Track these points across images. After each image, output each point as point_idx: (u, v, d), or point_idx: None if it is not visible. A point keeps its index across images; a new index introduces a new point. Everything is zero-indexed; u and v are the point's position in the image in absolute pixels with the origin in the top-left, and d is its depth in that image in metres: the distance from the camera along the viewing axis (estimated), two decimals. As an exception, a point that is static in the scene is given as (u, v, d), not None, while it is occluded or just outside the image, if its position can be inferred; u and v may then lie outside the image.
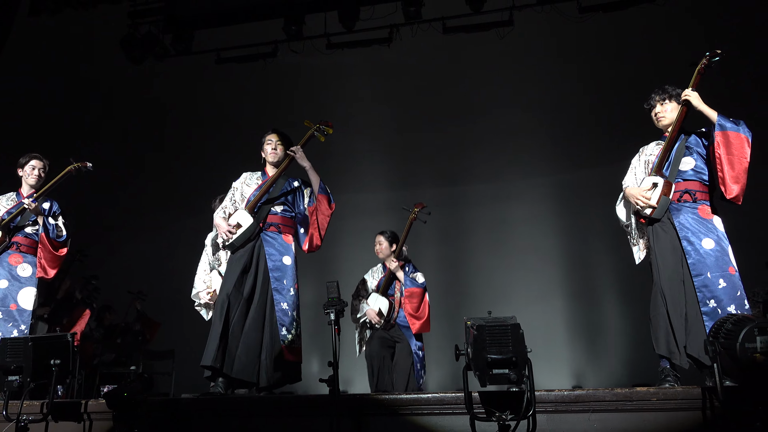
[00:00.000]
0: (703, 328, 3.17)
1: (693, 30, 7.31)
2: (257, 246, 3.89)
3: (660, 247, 3.43)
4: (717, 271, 3.23)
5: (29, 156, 4.44)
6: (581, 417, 2.82)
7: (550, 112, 8.23)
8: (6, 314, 4.14)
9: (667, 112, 3.54)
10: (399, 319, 4.97)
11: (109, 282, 7.12)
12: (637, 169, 3.67)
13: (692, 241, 3.31)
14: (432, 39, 7.24)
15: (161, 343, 6.98)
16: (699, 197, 3.41)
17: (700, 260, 3.26)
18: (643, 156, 3.68)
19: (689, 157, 3.47)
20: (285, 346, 3.71)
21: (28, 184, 4.42)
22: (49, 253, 4.28)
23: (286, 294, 3.81)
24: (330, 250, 8.30)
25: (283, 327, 3.74)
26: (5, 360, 3.23)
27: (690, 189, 3.42)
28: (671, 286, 3.33)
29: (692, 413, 2.76)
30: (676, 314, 3.27)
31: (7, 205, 4.36)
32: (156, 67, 7.58)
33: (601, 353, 7.71)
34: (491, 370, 2.56)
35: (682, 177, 3.44)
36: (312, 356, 6.30)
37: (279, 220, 3.97)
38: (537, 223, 8.30)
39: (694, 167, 3.45)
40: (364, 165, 8.85)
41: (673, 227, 3.38)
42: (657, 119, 3.59)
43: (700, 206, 3.39)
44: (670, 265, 3.36)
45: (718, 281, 3.22)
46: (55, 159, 4.53)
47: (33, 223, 4.33)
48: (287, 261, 3.88)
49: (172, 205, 8.81)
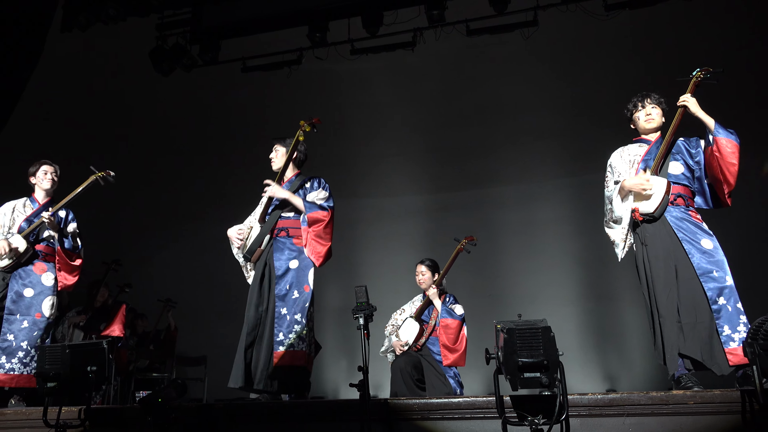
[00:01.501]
0: (710, 328, 3.14)
1: (721, 26, 7.17)
2: (269, 254, 3.90)
3: (653, 254, 3.42)
4: (721, 269, 3.24)
5: (38, 162, 4.47)
6: (616, 421, 2.78)
7: (575, 111, 8.13)
8: (32, 323, 4.21)
9: (657, 116, 3.64)
10: (434, 348, 4.86)
11: (141, 290, 7.26)
12: (620, 167, 3.68)
13: (693, 241, 3.32)
14: (456, 41, 7.23)
15: (194, 350, 7.07)
16: (689, 203, 3.48)
17: (704, 259, 3.26)
18: (626, 155, 3.70)
19: (677, 162, 3.54)
20: (279, 350, 3.64)
21: (42, 189, 4.45)
22: (66, 264, 4.36)
23: (288, 299, 3.74)
24: (357, 254, 8.36)
25: (279, 332, 3.67)
26: (44, 367, 3.31)
27: (682, 193, 3.47)
28: (664, 293, 3.31)
29: (731, 417, 2.70)
30: (669, 321, 3.25)
31: (25, 213, 4.39)
32: (184, 78, 7.70)
33: (634, 356, 7.57)
34: (522, 374, 2.53)
35: (674, 181, 3.48)
36: (341, 361, 6.31)
37: (290, 223, 3.93)
38: (565, 224, 8.20)
39: (683, 172, 3.52)
40: (390, 169, 8.85)
41: (669, 230, 3.38)
42: (646, 120, 3.65)
43: (691, 210, 3.45)
44: (663, 271, 3.34)
45: (724, 279, 3.21)
46: (82, 170, 4.59)
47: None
48: (294, 264, 3.82)
49: (200, 213, 8.93)
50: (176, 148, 8.97)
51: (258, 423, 3.24)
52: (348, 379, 3.07)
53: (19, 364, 4.10)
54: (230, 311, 5.08)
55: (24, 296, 4.23)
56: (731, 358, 3.08)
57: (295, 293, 3.75)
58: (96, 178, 4.46)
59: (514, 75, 8.27)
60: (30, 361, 4.11)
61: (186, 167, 9.01)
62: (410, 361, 4.79)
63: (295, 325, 3.67)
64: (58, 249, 4.35)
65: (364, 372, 2.74)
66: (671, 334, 3.23)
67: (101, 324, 5.61)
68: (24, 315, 4.20)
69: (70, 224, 4.50)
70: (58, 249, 4.35)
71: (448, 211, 8.61)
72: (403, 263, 5.34)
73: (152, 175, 8.91)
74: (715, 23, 7.18)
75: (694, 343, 3.18)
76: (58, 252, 4.35)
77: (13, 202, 4.44)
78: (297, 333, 3.66)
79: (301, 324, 3.69)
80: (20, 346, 4.13)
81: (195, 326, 7.50)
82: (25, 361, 4.12)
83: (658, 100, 3.66)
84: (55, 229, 4.34)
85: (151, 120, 8.81)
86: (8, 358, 4.10)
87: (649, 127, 3.65)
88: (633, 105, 3.74)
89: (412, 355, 4.86)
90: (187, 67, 7.52)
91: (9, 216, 4.35)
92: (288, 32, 7.31)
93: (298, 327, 3.68)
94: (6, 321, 4.16)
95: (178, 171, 9.02)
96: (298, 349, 3.65)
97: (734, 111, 6.28)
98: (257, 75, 7.75)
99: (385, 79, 8.55)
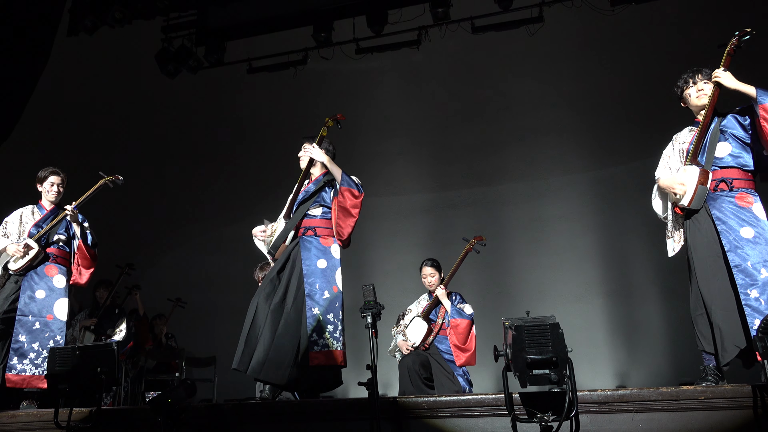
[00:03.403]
0: (742, 322, 3.04)
1: (727, 18, 7.11)
2: (294, 251, 3.92)
3: (695, 242, 3.29)
4: (758, 260, 3.07)
5: (48, 171, 4.50)
6: (626, 417, 2.76)
7: (583, 107, 8.11)
8: (43, 325, 4.25)
9: (711, 91, 3.38)
10: (442, 346, 4.86)
11: (150, 291, 7.29)
12: (671, 158, 3.53)
13: (729, 230, 3.15)
14: (461, 39, 7.21)
15: (203, 350, 7.10)
16: (736, 185, 3.26)
17: (739, 249, 3.10)
18: (677, 144, 3.55)
19: (725, 143, 3.32)
20: (316, 350, 3.68)
21: (48, 200, 4.51)
22: (86, 259, 4.43)
23: (319, 298, 3.78)
24: (364, 253, 8.36)
25: (313, 332, 3.71)
26: (55, 369, 3.33)
27: (726, 177, 3.27)
28: (707, 283, 3.19)
29: (742, 412, 2.68)
30: (717, 310, 3.12)
31: (34, 218, 4.44)
32: (190, 79, 7.73)
33: (643, 352, 7.53)
34: (531, 371, 2.52)
35: (718, 164, 3.29)
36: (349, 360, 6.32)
37: (317, 223, 3.95)
38: (573, 220, 8.17)
39: (730, 152, 3.30)
40: (397, 167, 8.86)
41: (710, 218, 3.24)
42: (698, 96, 3.43)
43: (738, 194, 3.23)
44: (706, 260, 3.23)
45: (759, 271, 3.05)
46: (89, 172, 4.63)
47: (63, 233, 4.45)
48: (322, 264, 3.84)
49: (209, 215, 8.97)
50: (183, 149, 9.01)
51: (267, 423, 3.24)
52: (356, 377, 3.06)
53: (30, 365, 4.14)
54: (239, 312, 5.09)
55: (36, 298, 4.28)
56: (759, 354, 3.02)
57: (326, 293, 3.80)
58: (105, 182, 4.56)
59: (520, 72, 8.25)
60: (41, 362, 4.14)
61: (193, 168, 9.04)
62: (418, 359, 4.78)
63: (329, 325, 3.75)
64: (79, 243, 4.41)
65: (372, 370, 2.74)
66: (725, 323, 3.08)
67: (108, 327, 5.66)
68: (36, 317, 4.24)
69: (83, 223, 4.56)
70: (80, 243, 4.41)
71: (455, 208, 8.60)
72: (411, 261, 5.34)
73: (159, 177, 8.95)
74: (721, 14, 7.12)
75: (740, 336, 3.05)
76: (79, 247, 4.42)
77: (21, 210, 4.50)
78: (331, 332, 3.74)
79: (334, 324, 3.77)
80: (32, 347, 4.17)
81: (204, 327, 7.53)
82: (36, 362, 4.15)
83: (710, 75, 3.39)
84: (76, 222, 4.41)
85: (157, 122, 8.85)
86: (20, 359, 4.14)
87: (701, 103, 3.42)
88: (684, 81, 3.51)
89: (420, 353, 4.85)
90: (193, 68, 7.54)
91: (17, 224, 4.42)
92: (293, 32, 7.32)
93: (332, 327, 3.75)
94: (18, 322, 4.20)
95: (185, 172, 9.06)
96: (333, 348, 3.72)
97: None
98: (263, 76, 7.77)
99: (390, 77, 8.55)
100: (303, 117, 8.30)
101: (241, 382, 3.76)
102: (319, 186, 4.03)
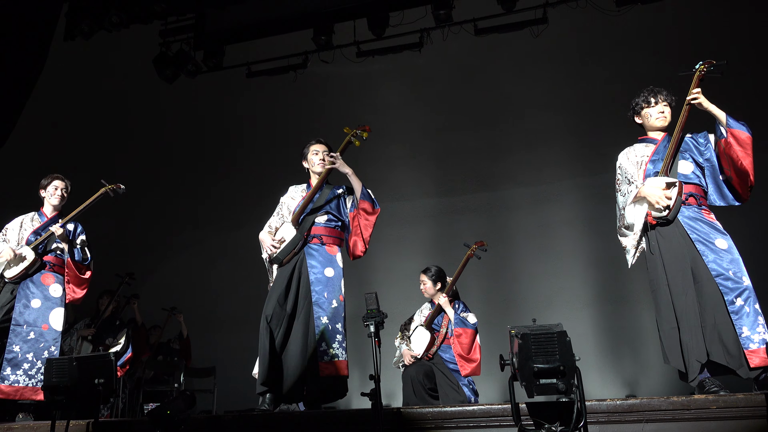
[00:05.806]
0: (729, 330, 3.07)
1: (731, 20, 7.05)
2: (300, 259, 3.85)
3: (667, 257, 3.31)
4: (737, 268, 3.15)
5: (51, 177, 4.49)
6: (636, 427, 2.72)
7: (587, 110, 8.02)
8: (38, 334, 4.20)
9: (669, 114, 3.53)
10: (446, 356, 4.78)
11: (150, 301, 7.23)
12: (629, 170, 3.58)
13: (706, 242, 3.23)
14: (464, 41, 7.16)
15: (202, 361, 7.03)
16: (701, 201, 3.40)
17: (719, 259, 3.18)
18: (633, 157, 3.61)
19: (686, 161, 3.45)
20: (325, 361, 3.63)
21: (51, 205, 4.48)
22: (75, 277, 4.37)
23: (327, 307, 3.72)
24: (367, 260, 8.25)
25: (322, 342, 3.65)
26: (51, 380, 3.27)
27: (693, 192, 3.39)
28: (678, 298, 3.22)
29: (756, 421, 2.62)
30: (688, 326, 3.15)
31: (33, 226, 4.42)
32: (188, 84, 7.68)
33: (653, 360, 7.40)
34: (538, 380, 2.46)
35: (685, 180, 3.39)
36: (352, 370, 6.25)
37: (323, 231, 3.90)
38: (579, 226, 8.06)
39: (693, 171, 3.44)
40: (399, 173, 8.79)
41: (682, 231, 3.29)
42: (658, 118, 3.54)
43: (704, 210, 3.37)
44: (677, 274, 3.25)
45: (741, 279, 3.13)
46: (89, 179, 4.58)
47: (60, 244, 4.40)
48: (329, 273, 3.79)
49: (206, 222, 8.92)
50: (181, 155, 8.97)
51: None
52: (359, 388, 2.99)
53: (24, 376, 4.07)
54: (239, 321, 5.03)
55: (31, 307, 4.22)
56: (753, 360, 3.01)
57: (334, 302, 3.76)
58: (106, 190, 4.51)
59: (524, 74, 8.19)
60: (35, 373, 4.08)
61: (192, 175, 9.00)
62: (421, 369, 4.70)
63: (337, 335, 3.71)
64: (68, 261, 4.36)
65: (375, 381, 2.68)
66: (691, 339, 3.14)
67: (108, 337, 5.60)
68: (30, 326, 4.19)
69: (79, 236, 4.51)
70: (68, 261, 4.36)
71: (459, 214, 8.52)
72: (414, 268, 5.26)
73: (157, 184, 8.90)
74: (726, 17, 7.06)
75: (716, 346, 3.10)
76: (68, 264, 4.36)
77: (21, 217, 4.48)
78: (339, 342, 3.71)
79: (342, 333, 3.74)
80: (25, 357, 4.11)
81: (203, 337, 7.44)
82: (30, 373, 4.09)
83: (669, 98, 3.56)
84: (65, 241, 4.36)
85: (156, 127, 8.81)
86: (13, 369, 4.07)
87: (660, 125, 3.55)
88: (643, 100, 3.61)
89: (424, 363, 4.77)
90: (191, 73, 7.50)
91: (17, 231, 4.39)
92: (293, 36, 7.27)
93: (340, 336, 3.72)
94: (12, 332, 4.14)
95: (184, 178, 9.03)
96: (342, 359, 3.69)
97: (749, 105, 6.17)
98: (262, 80, 7.74)
99: (392, 81, 8.49)
100: (304, 122, 8.27)
101: (240, 394, 3.69)
102: (335, 196, 3.99)
